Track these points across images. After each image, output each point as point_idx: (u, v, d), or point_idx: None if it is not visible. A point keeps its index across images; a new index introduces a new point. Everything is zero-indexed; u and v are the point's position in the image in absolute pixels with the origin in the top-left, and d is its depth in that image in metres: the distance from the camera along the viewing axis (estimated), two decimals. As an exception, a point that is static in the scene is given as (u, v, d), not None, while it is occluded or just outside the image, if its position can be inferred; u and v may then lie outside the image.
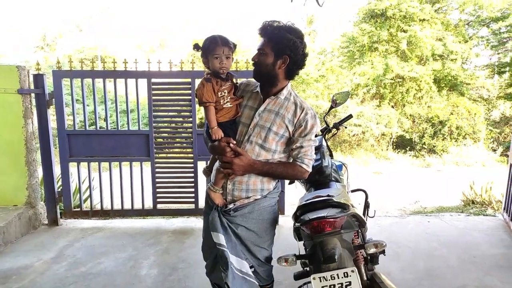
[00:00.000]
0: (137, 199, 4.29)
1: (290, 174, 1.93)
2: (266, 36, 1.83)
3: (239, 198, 1.90)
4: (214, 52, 1.81)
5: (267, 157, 1.88)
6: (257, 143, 1.85)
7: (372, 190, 3.66)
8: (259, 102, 1.90)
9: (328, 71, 15.96)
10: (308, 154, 1.89)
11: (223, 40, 1.82)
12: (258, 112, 1.87)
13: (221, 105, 1.85)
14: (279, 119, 1.85)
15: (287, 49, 1.80)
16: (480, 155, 12.42)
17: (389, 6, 14.77)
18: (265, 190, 1.94)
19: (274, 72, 1.85)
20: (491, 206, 4.96)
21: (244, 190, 1.90)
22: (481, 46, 16.35)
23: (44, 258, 3.31)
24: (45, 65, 21.24)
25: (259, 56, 1.84)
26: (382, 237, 3.23)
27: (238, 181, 1.89)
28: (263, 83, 1.91)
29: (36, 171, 4.02)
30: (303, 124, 1.85)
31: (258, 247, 1.97)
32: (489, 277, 2.93)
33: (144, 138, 4.07)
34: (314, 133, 1.90)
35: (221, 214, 1.89)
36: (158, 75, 4.02)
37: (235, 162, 1.80)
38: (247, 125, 1.87)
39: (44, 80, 3.89)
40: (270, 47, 1.81)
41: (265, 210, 1.95)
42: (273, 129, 1.85)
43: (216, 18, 34.85)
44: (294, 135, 1.88)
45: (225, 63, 1.82)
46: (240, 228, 1.90)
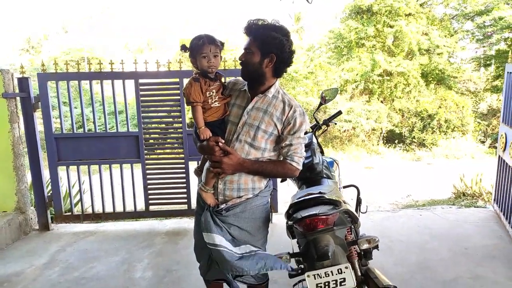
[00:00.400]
0: (129, 201, 4.25)
1: (280, 172, 1.92)
2: (251, 35, 1.83)
3: (230, 198, 1.89)
4: (202, 51, 1.79)
5: (256, 155, 1.87)
6: (246, 142, 1.85)
7: (364, 185, 3.68)
8: (247, 100, 1.89)
9: (316, 68, 16.01)
10: (298, 152, 1.88)
11: (209, 39, 1.81)
12: (246, 110, 1.86)
13: (209, 104, 1.84)
14: (267, 117, 1.85)
15: (273, 48, 1.80)
16: (469, 148, 12.58)
17: (375, 2, 14.85)
18: (257, 188, 1.94)
19: (261, 70, 1.84)
20: (482, 197, 5.03)
21: (236, 189, 1.89)
22: (466, 40, 16.55)
23: (36, 264, 3.27)
24: (30, 67, 20.93)
25: (245, 55, 1.84)
26: (375, 232, 3.25)
27: (229, 181, 1.88)
28: (251, 81, 1.90)
29: (24, 176, 3.96)
30: (291, 122, 1.85)
31: (252, 246, 1.95)
32: (481, 268, 2.97)
33: (134, 139, 4.03)
34: (303, 131, 1.90)
35: (213, 214, 1.88)
36: (146, 75, 3.98)
37: (225, 161, 1.79)
38: (236, 124, 1.87)
39: (29, 83, 3.82)
40: (256, 46, 1.81)
41: (257, 208, 1.95)
42: (261, 127, 1.84)
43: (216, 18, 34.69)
44: (283, 133, 1.87)
45: (213, 61, 1.81)
46: (233, 227, 1.89)
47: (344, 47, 16.38)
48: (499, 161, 4.03)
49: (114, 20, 32.79)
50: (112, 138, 4.07)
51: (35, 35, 28.63)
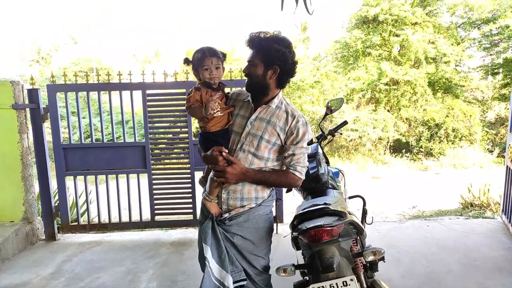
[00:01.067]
0: (135, 212, 4.26)
1: (284, 182, 1.94)
2: (254, 47, 1.86)
3: (234, 207, 1.91)
4: (203, 64, 1.84)
5: (260, 165, 1.89)
6: (249, 152, 1.87)
7: (370, 195, 3.67)
8: (250, 111, 1.93)
9: (323, 77, 16.01)
10: (301, 162, 1.90)
11: (210, 51, 1.86)
12: (249, 120, 1.90)
13: (212, 114, 1.86)
14: (270, 127, 1.88)
15: (276, 60, 1.83)
16: (477, 157, 12.44)
17: (381, 11, 14.88)
18: (260, 198, 1.95)
19: (266, 82, 1.88)
20: (490, 208, 4.97)
21: (239, 198, 1.91)
22: (473, 48, 16.48)
23: (42, 274, 3.28)
24: (40, 78, 21.23)
25: (249, 68, 1.88)
26: (381, 243, 3.23)
27: (233, 190, 1.90)
28: (255, 93, 1.93)
29: (32, 186, 3.99)
30: (294, 132, 1.88)
31: (255, 256, 1.97)
32: (491, 281, 2.93)
33: (141, 149, 4.06)
34: (306, 141, 1.92)
35: (216, 224, 1.90)
36: (153, 86, 4.03)
37: (228, 171, 1.82)
38: (240, 134, 1.90)
39: (39, 95, 3.88)
40: (259, 59, 1.84)
41: (260, 218, 1.96)
42: (265, 137, 1.87)
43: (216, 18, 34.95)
44: (286, 143, 1.90)
45: (215, 73, 1.86)
46: (236, 237, 1.91)
47: (350, 56, 16.39)
48: (507, 171, 3.99)
49: (114, 20, 33.14)
50: (119, 148, 4.11)
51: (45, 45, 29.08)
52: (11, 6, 31.76)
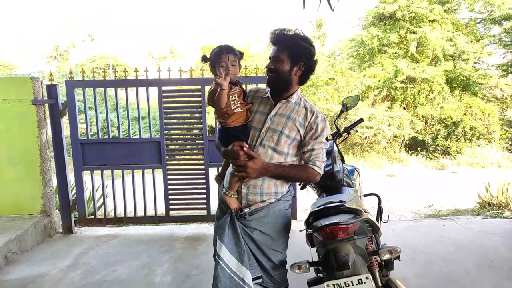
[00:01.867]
0: (150, 206, 4.31)
1: (303, 176, 1.96)
2: (281, 44, 1.89)
3: (254, 202, 1.93)
4: (220, 60, 1.87)
5: (279, 160, 1.91)
6: (269, 147, 1.90)
7: (385, 194, 3.63)
8: (270, 106, 1.95)
9: (337, 74, 15.88)
10: (320, 157, 1.93)
11: (227, 48, 1.89)
12: (269, 116, 1.92)
13: (232, 110, 1.89)
14: (290, 122, 1.90)
15: (303, 57, 1.88)
16: (495, 156, 12.18)
17: (398, 8, 14.65)
18: (279, 193, 1.98)
19: (290, 78, 1.91)
20: (508, 208, 4.86)
21: (259, 194, 1.93)
22: (493, 45, 16.09)
23: (59, 266, 3.35)
24: (58, 74, 21.60)
25: (274, 64, 1.89)
26: (396, 241, 3.19)
27: (253, 185, 1.92)
28: (277, 89, 1.95)
29: (50, 180, 4.08)
30: (314, 127, 1.91)
31: (273, 250, 1.99)
32: (509, 282, 2.87)
33: (156, 145, 4.10)
34: (325, 136, 1.95)
35: (236, 219, 1.92)
36: (169, 83, 4.06)
37: (249, 165, 1.83)
38: (259, 130, 1.92)
39: (57, 90, 3.95)
40: (286, 55, 1.87)
41: (279, 213, 1.99)
42: (285, 132, 1.89)
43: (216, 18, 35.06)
44: (305, 138, 1.93)
45: (231, 69, 1.87)
46: (255, 232, 1.94)
47: (366, 54, 16.21)
48: (527, 171, 3.90)
49: (114, 20, 33.50)
50: (135, 143, 4.15)
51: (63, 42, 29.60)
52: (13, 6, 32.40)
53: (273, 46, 1.92)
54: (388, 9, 14.79)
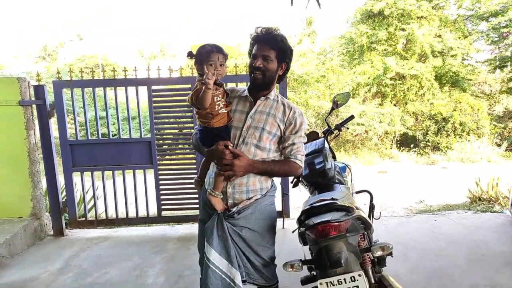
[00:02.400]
0: (142, 207, 4.28)
1: (287, 170, 1.99)
2: (270, 43, 1.90)
3: (240, 200, 1.94)
4: (209, 59, 1.83)
5: (262, 156, 1.94)
6: (252, 144, 1.92)
7: (377, 190, 3.64)
8: (249, 105, 1.98)
9: (328, 71, 15.92)
10: (300, 150, 1.99)
11: (218, 48, 1.86)
12: (250, 114, 1.95)
13: (217, 110, 1.87)
14: (271, 119, 1.94)
15: (287, 57, 1.95)
16: (484, 151, 12.33)
17: (386, 6, 14.72)
18: (264, 189, 2.00)
19: (274, 77, 1.97)
20: (498, 202, 4.92)
21: (245, 191, 1.94)
22: (481, 41, 16.26)
23: (50, 269, 3.31)
24: (47, 74, 21.31)
25: (264, 62, 1.90)
26: (389, 237, 3.21)
27: (238, 184, 1.93)
28: (262, 87, 1.96)
29: (40, 182, 4.02)
30: (293, 122, 1.96)
31: (262, 247, 2.00)
32: (500, 275, 2.90)
33: (146, 145, 4.07)
34: (304, 130, 2.01)
35: (224, 219, 1.91)
36: (159, 82, 4.02)
37: (236, 163, 1.84)
38: (240, 128, 1.94)
39: (45, 91, 3.90)
40: (274, 54, 1.90)
41: (266, 209, 2.01)
42: (266, 129, 1.93)
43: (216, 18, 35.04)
44: (285, 133, 1.97)
45: (220, 70, 1.85)
46: (244, 230, 1.94)
47: (356, 51, 16.28)
48: (516, 165, 3.94)
49: (114, 20, 33.29)
50: (126, 144, 4.11)
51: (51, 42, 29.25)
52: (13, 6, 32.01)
53: (258, 44, 1.92)
54: (376, 6, 14.86)
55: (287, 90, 4.07)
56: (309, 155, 2.56)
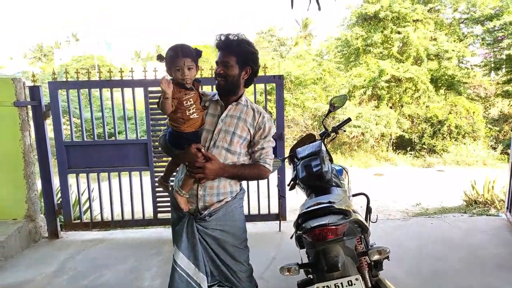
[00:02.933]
0: (138, 209, 4.25)
1: (256, 174, 2.04)
2: (228, 49, 1.93)
3: (211, 203, 1.97)
4: (176, 64, 1.81)
5: (233, 160, 1.97)
6: (223, 147, 1.95)
7: (374, 193, 3.64)
8: (220, 109, 2.01)
9: (325, 73, 15.96)
10: (269, 155, 2.05)
11: (184, 52, 1.82)
12: (221, 118, 1.97)
13: (188, 116, 1.84)
14: (241, 123, 1.98)
15: (250, 62, 1.97)
16: (480, 154, 12.39)
17: (381, 8, 14.79)
18: (234, 191, 2.04)
19: (239, 82, 1.99)
20: (494, 205, 4.94)
21: (216, 194, 1.97)
22: (476, 44, 16.37)
23: (45, 272, 3.28)
24: (42, 75, 21.24)
25: (224, 69, 1.94)
26: (385, 241, 3.20)
27: (209, 186, 1.96)
28: (227, 93, 2.00)
29: (35, 183, 3.99)
30: (262, 127, 2.01)
31: (237, 248, 2.03)
32: (495, 278, 2.91)
33: (143, 147, 4.05)
34: (272, 134, 2.05)
35: (195, 221, 1.94)
36: (155, 83, 4.00)
37: (208, 167, 1.87)
38: (211, 131, 1.96)
39: (41, 92, 3.87)
40: (234, 60, 1.93)
41: (236, 210, 2.05)
42: (237, 133, 1.96)
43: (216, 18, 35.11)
44: (254, 138, 2.02)
45: (187, 74, 1.82)
46: (217, 232, 1.97)
47: (351, 53, 16.34)
48: (511, 168, 3.96)
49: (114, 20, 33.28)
50: (122, 145, 4.09)
51: (47, 42, 29.15)
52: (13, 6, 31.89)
53: (220, 51, 1.95)
54: (371, 9, 14.92)
55: (283, 91, 4.07)
56: (306, 158, 2.56)
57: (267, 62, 15.32)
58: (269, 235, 3.94)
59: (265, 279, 2.93)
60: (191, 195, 1.97)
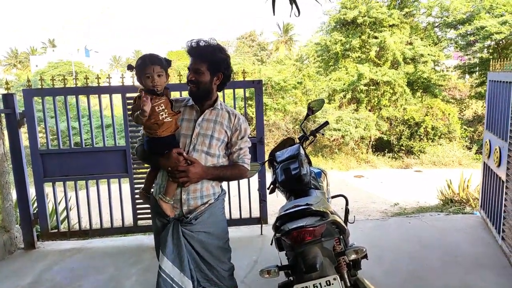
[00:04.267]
0: (117, 217, 4.19)
1: (237, 174, 2.10)
2: (200, 56, 1.96)
3: (195, 206, 2.00)
4: (145, 72, 1.87)
5: (213, 162, 2.02)
6: (203, 151, 1.99)
7: (354, 194, 3.70)
8: (196, 113, 2.05)
9: (305, 78, 16.15)
10: (247, 154, 2.11)
11: (151, 59, 1.89)
12: (197, 122, 2.01)
13: (162, 120, 1.89)
14: (218, 126, 2.03)
15: (221, 67, 2.00)
16: (456, 154, 12.74)
17: (359, 14, 15.09)
18: (216, 193, 2.09)
19: (211, 88, 2.02)
20: (469, 203, 5.08)
21: (199, 197, 2.00)
22: (450, 48, 16.89)
23: (21, 284, 3.19)
24: (18, 83, 20.72)
25: (195, 76, 1.96)
26: (365, 241, 3.25)
27: (193, 190, 1.98)
28: (199, 98, 2.04)
29: (9, 193, 3.88)
30: (238, 128, 2.07)
31: (221, 248, 2.08)
32: (471, 276, 2.99)
33: (121, 154, 3.99)
34: (248, 135, 2.12)
35: (180, 226, 1.96)
36: (133, 89, 3.97)
37: (191, 170, 1.90)
38: (189, 136, 2.00)
39: (15, 100, 3.77)
40: (205, 67, 1.96)
41: (219, 211, 2.10)
42: (215, 136, 2.01)
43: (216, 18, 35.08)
44: (231, 139, 2.08)
45: (157, 81, 1.88)
46: (201, 234, 2.00)
47: (331, 58, 16.59)
48: (484, 167, 4.09)
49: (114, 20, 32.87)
50: (99, 153, 4.02)
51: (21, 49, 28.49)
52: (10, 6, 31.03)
53: (191, 57, 1.98)
54: (349, 15, 15.21)
55: (263, 96, 4.10)
56: (285, 161, 2.58)
57: (247, 67, 15.39)
58: (251, 238, 3.94)
59: (246, 283, 2.94)
60: (175, 200, 1.98)
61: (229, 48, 41.39)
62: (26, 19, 34.67)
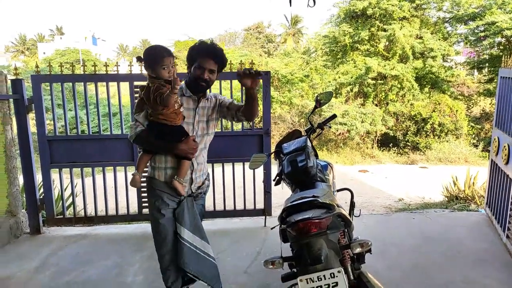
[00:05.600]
0: (122, 204, 4.22)
1: None
2: (215, 57, 2.18)
3: (201, 183, 2.36)
4: (162, 63, 1.96)
5: (210, 139, 2.39)
6: (203, 134, 2.31)
7: (358, 189, 3.69)
8: (193, 102, 2.27)
9: (312, 71, 16.05)
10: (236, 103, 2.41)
11: (168, 51, 2.02)
12: (196, 111, 2.27)
13: (178, 109, 2.08)
14: (210, 110, 2.35)
15: (224, 67, 2.29)
16: (462, 151, 12.66)
17: (369, 6, 14.90)
18: (207, 171, 2.46)
19: None
20: (474, 201, 5.05)
21: (201, 174, 2.36)
22: (460, 44, 16.66)
23: (26, 268, 3.23)
24: (25, 69, 20.81)
25: (210, 76, 2.19)
26: (368, 235, 3.26)
27: (199, 170, 2.31)
28: (204, 91, 2.27)
29: (16, 178, 3.92)
30: (220, 98, 2.41)
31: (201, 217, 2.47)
32: (474, 272, 2.98)
33: (128, 142, 4.00)
34: None
35: (193, 201, 2.29)
36: (141, 77, 3.96)
37: None
38: (192, 123, 2.25)
39: (23, 85, 3.79)
40: (217, 68, 2.22)
41: (208, 186, 2.48)
42: (210, 118, 2.34)
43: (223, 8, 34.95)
44: (221, 105, 2.37)
45: (172, 71, 2.00)
46: (199, 206, 2.39)
47: (339, 51, 16.44)
48: (491, 164, 4.06)
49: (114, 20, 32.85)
50: (106, 140, 4.04)
51: (30, 35, 28.54)
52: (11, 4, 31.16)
53: (205, 57, 2.15)
54: (359, 6, 15.01)
55: (270, 87, 4.08)
56: (292, 153, 2.58)
57: (254, 59, 15.32)
58: (255, 230, 3.96)
59: (249, 273, 2.95)
60: (186, 180, 2.23)
61: (236, 40, 41.15)
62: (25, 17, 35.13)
